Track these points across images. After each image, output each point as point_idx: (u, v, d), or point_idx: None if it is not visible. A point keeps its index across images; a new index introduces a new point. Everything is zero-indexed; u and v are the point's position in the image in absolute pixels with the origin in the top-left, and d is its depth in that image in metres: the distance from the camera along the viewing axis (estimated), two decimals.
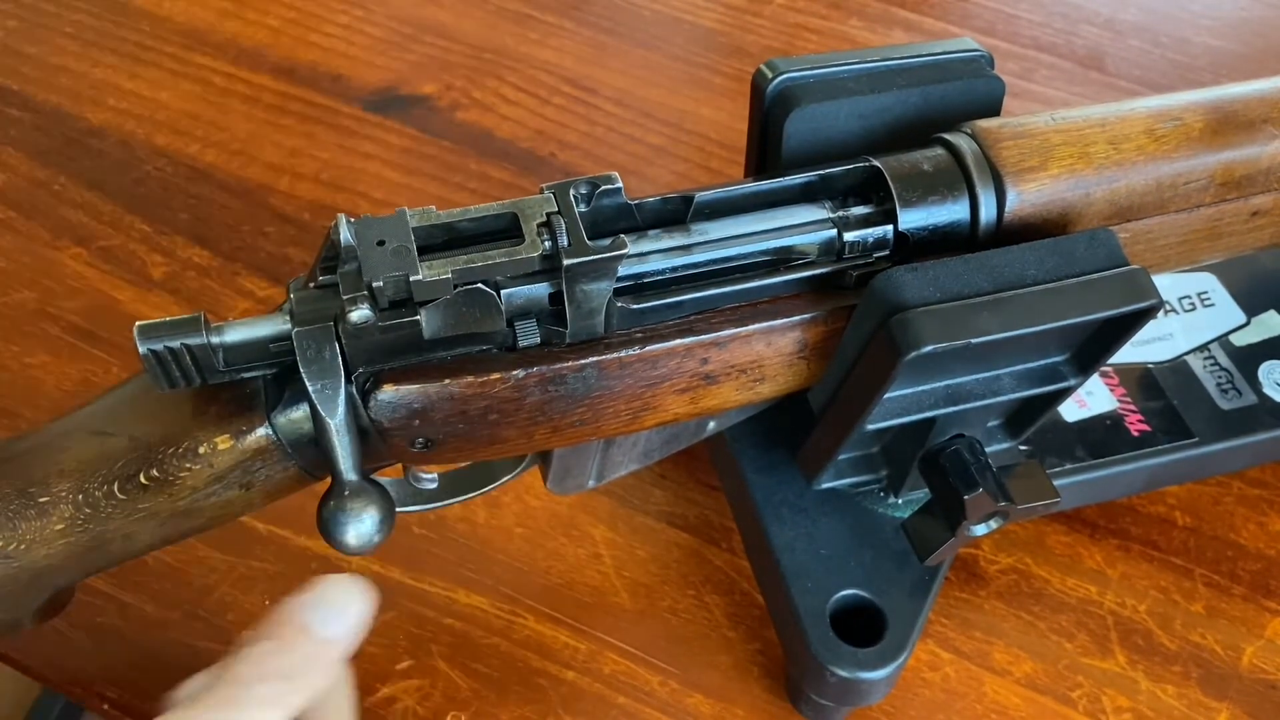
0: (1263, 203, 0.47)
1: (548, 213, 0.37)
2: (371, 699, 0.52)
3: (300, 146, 0.77)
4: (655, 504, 0.60)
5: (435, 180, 0.76)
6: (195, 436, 0.39)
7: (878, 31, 0.88)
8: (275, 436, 0.39)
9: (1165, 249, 0.47)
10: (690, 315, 0.41)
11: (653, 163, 0.77)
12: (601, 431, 0.42)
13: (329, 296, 0.37)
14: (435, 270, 0.36)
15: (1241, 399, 0.57)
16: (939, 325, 0.38)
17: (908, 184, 0.42)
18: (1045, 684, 0.54)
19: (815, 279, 0.42)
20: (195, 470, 0.39)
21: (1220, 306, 0.61)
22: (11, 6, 0.86)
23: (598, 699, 0.53)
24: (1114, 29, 0.89)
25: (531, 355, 0.39)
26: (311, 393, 0.36)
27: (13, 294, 0.68)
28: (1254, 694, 0.53)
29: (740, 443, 0.54)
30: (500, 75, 0.83)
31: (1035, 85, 0.84)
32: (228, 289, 0.69)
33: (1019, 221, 0.43)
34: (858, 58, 0.47)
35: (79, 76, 0.81)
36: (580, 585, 0.57)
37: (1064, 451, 0.55)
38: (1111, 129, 0.44)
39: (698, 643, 0.55)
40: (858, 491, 0.53)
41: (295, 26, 0.86)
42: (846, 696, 0.49)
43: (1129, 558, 0.58)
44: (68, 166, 0.75)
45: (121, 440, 0.39)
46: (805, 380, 0.44)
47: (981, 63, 0.48)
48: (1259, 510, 0.60)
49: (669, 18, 0.88)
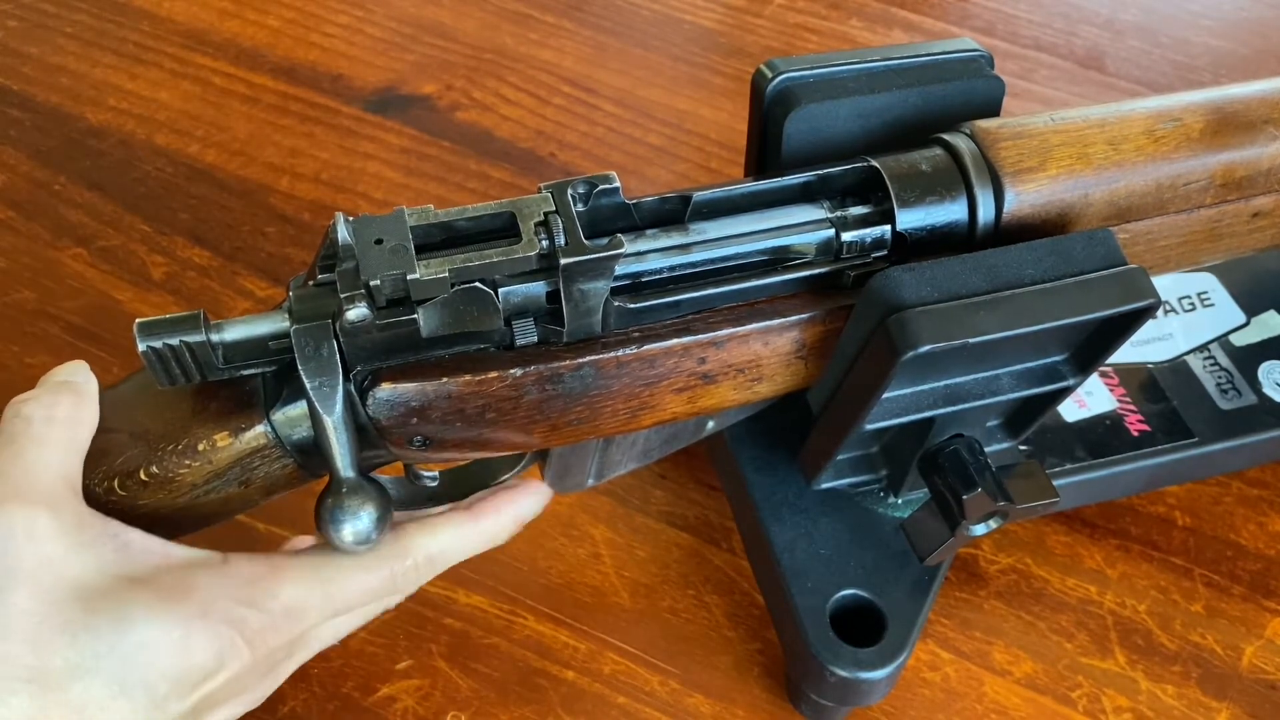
0: (1263, 204, 0.47)
1: (545, 212, 0.37)
2: (371, 699, 0.52)
3: (300, 146, 0.77)
4: (655, 504, 0.60)
5: (435, 180, 0.76)
6: (194, 434, 0.39)
7: (878, 31, 0.88)
8: (274, 434, 0.39)
9: (1165, 250, 0.47)
10: (688, 315, 0.41)
11: (652, 163, 0.77)
12: (600, 430, 0.42)
13: (328, 295, 0.37)
14: (433, 269, 0.36)
15: (1241, 399, 0.57)
16: (937, 325, 0.38)
17: (906, 184, 0.42)
18: (1045, 684, 0.54)
19: (813, 279, 0.42)
20: (194, 467, 0.39)
21: (1220, 306, 0.61)
22: (11, 6, 0.86)
23: (598, 699, 0.53)
24: (1114, 29, 0.89)
25: (529, 354, 0.39)
26: (309, 390, 0.36)
27: (13, 294, 0.68)
28: (1254, 694, 0.53)
29: (740, 443, 0.54)
30: (500, 75, 0.83)
31: (1035, 85, 0.84)
32: (228, 289, 0.69)
33: (1017, 222, 0.43)
34: (858, 58, 0.47)
35: (79, 76, 0.81)
36: (580, 585, 0.57)
37: (1064, 451, 0.55)
38: (1111, 129, 0.44)
39: (698, 643, 0.55)
40: (857, 491, 0.52)
41: (295, 26, 0.86)
42: (846, 696, 0.49)
43: (1129, 558, 0.58)
44: (68, 166, 0.75)
45: (122, 437, 0.40)
46: (804, 380, 0.44)
47: (981, 63, 0.48)
48: (1259, 510, 0.59)
49: (669, 18, 0.89)
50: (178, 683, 0.36)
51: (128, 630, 0.36)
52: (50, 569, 0.36)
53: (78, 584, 0.36)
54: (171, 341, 0.36)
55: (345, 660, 0.54)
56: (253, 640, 0.38)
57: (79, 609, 0.35)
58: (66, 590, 0.35)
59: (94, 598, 0.36)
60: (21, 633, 0.34)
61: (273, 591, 0.39)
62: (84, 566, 0.36)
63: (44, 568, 0.35)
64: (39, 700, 0.34)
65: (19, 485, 0.37)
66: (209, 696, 0.38)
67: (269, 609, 0.38)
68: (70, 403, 0.39)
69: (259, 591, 0.38)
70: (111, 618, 0.36)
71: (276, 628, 0.39)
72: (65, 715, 0.35)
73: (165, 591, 0.37)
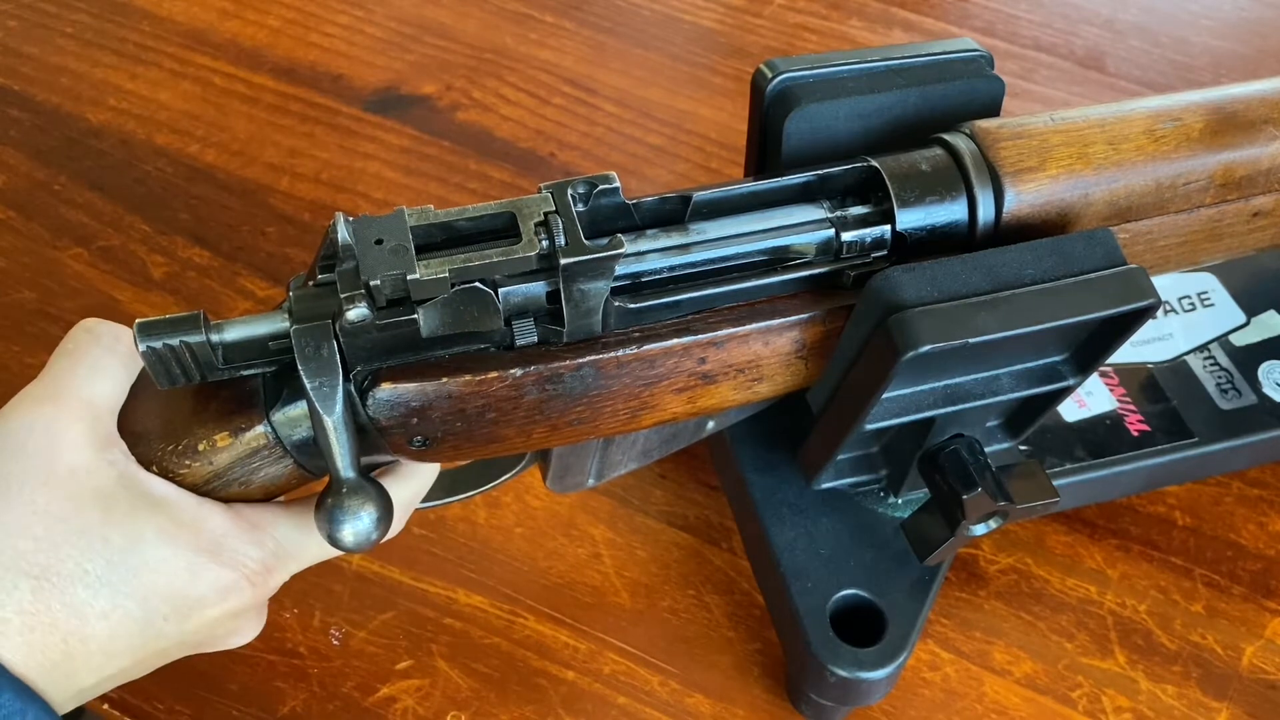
0: (1264, 204, 0.47)
1: (545, 212, 0.37)
2: (371, 699, 0.53)
3: (300, 146, 0.77)
4: (655, 504, 0.60)
5: (435, 180, 0.76)
6: (195, 434, 0.39)
7: (878, 31, 0.88)
8: (274, 434, 0.39)
9: (1165, 250, 0.47)
10: (688, 315, 0.41)
11: (652, 163, 0.77)
12: (600, 430, 0.42)
13: (328, 295, 0.37)
14: (433, 269, 0.36)
15: (1241, 399, 0.57)
16: (937, 325, 0.38)
17: (905, 184, 0.42)
18: (1045, 684, 0.54)
19: (813, 279, 0.42)
20: (195, 467, 0.39)
21: (1220, 306, 0.61)
22: (11, 6, 0.86)
23: (598, 699, 0.53)
24: (1114, 29, 0.89)
25: (529, 354, 0.39)
26: (309, 390, 0.36)
27: (13, 294, 0.68)
28: (1254, 694, 0.53)
29: (740, 443, 0.54)
30: (500, 75, 0.83)
31: (1035, 85, 0.84)
32: (228, 289, 0.69)
33: (1017, 222, 0.43)
34: (858, 58, 0.47)
35: (79, 76, 0.81)
36: (580, 585, 0.57)
37: (1064, 451, 0.55)
38: (1111, 129, 0.44)
39: (698, 643, 0.55)
40: (857, 491, 0.52)
41: (295, 26, 0.86)
42: (846, 696, 0.49)
43: (1129, 558, 0.58)
44: (68, 166, 0.75)
45: (122, 437, 0.40)
46: (804, 380, 0.44)
47: (981, 63, 0.48)
48: (1259, 510, 0.59)
49: (669, 18, 0.88)
50: (177, 607, 0.38)
51: (140, 548, 0.37)
52: (76, 476, 0.37)
53: (100, 493, 0.37)
54: (171, 342, 0.36)
55: (345, 660, 0.54)
56: (255, 579, 0.40)
57: (97, 518, 0.37)
58: (89, 498, 0.37)
59: (114, 510, 0.37)
60: (37, 530, 0.36)
61: (274, 534, 0.41)
62: (108, 480, 0.38)
63: (71, 473, 0.37)
64: (42, 596, 0.35)
65: (68, 392, 0.39)
66: (205, 625, 0.40)
67: (271, 550, 0.40)
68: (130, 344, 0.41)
69: (264, 534, 0.40)
70: (126, 532, 0.37)
71: (276, 568, 0.41)
72: (63, 615, 0.36)
73: (179, 522, 0.38)
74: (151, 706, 0.52)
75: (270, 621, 0.54)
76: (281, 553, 0.41)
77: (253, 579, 0.40)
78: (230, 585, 0.39)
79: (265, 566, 0.40)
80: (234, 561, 0.39)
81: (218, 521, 0.39)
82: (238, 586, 0.39)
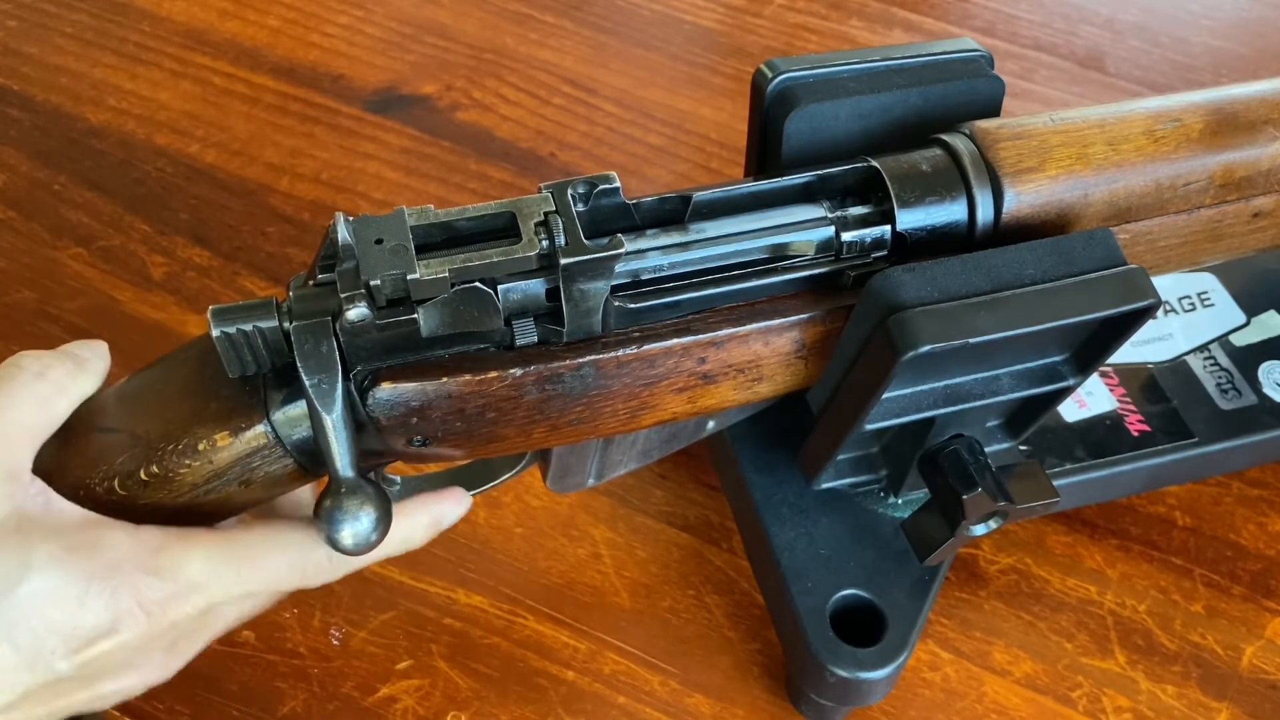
0: (1264, 204, 0.47)
1: (545, 212, 0.37)
2: (371, 699, 0.53)
3: (300, 146, 0.77)
4: (655, 504, 0.60)
5: (435, 180, 0.76)
6: (195, 433, 0.39)
7: (878, 31, 0.88)
8: (274, 433, 0.39)
9: (1166, 250, 0.47)
10: (688, 315, 0.41)
11: (652, 163, 0.77)
12: (600, 430, 0.42)
13: (328, 294, 0.37)
14: (433, 269, 0.36)
15: (1241, 399, 0.57)
16: (937, 325, 0.38)
17: (905, 184, 0.42)
18: (1045, 684, 0.54)
19: (813, 279, 0.42)
20: (195, 467, 0.39)
21: (1220, 306, 0.61)
22: (11, 6, 0.86)
23: (598, 699, 0.53)
24: (1114, 29, 0.89)
25: (529, 354, 0.39)
26: (308, 388, 0.36)
27: (13, 294, 0.68)
28: (1254, 694, 0.53)
29: (740, 443, 0.54)
30: (500, 75, 0.83)
31: (1035, 85, 0.84)
32: (228, 289, 0.69)
33: (1016, 222, 0.43)
34: (858, 58, 0.47)
35: (79, 76, 0.81)
36: (580, 585, 0.57)
37: (1064, 451, 0.55)
38: (1110, 130, 0.44)
39: (698, 643, 0.55)
40: (857, 491, 0.52)
41: (295, 26, 0.86)
42: (846, 696, 0.49)
43: (1129, 558, 0.58)
44: (68, 166, 0.75)
45: (123, 437, 0.40)
46: (804, 380, 0.44)
47: (981, 63, 0.48)
48: (1259, 510, 0.59)
49: (669, 18, 0.89)
50: (66, 639, 0.36)
51: (26, 576, 0.36)
52: None
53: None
54: (245, 327, 0.36)
55: (345, 660, 0.54)
56: (151, 609, 0.37)
57: None
58: None
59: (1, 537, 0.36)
60: None
61: (181, 562, 0.38)
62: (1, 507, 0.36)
63: None
64: None
65: None
66: (99, 660, 0.37)
67: (174, 579, 0.38)
68: (66, 370, 0.40)
69: (166, 560, 0.38)
70: (14, 561, 0.36)
71: (179, 599, 0.38)
72: None
73: (73, 547, 0.37)
74: (151, 706, 0.52)
75: (270, 621, 0.54)
76: (189, 583, 0.38)
77: (148, 608, 0.37)
78: (123, 612, 0.37)
79: (166, 594, 0.38)
80: (129, 586, 0.37)
81: (119, 544, 0.37)
82: (131, 613, 0.37)
